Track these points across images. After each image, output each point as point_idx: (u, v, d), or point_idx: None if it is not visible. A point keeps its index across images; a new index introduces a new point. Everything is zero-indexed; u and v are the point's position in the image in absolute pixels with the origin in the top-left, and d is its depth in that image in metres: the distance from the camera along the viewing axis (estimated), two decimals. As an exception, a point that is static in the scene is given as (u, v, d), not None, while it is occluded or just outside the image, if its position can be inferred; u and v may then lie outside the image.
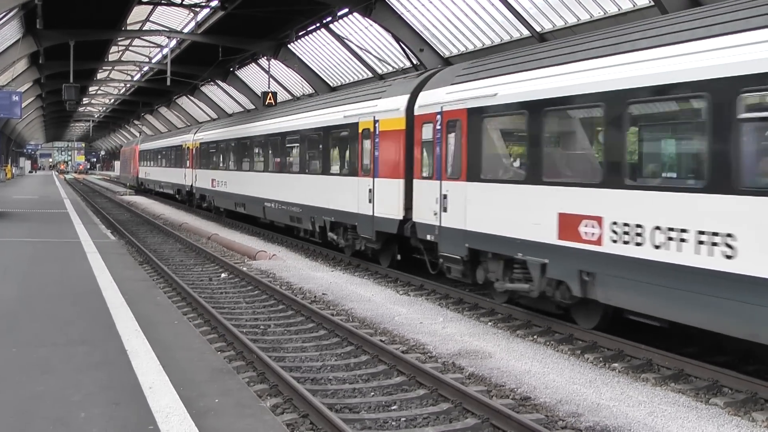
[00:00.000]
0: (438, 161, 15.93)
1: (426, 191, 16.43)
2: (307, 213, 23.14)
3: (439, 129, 15.88)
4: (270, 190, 27.17)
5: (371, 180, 18.91)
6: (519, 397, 9.89)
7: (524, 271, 13.43)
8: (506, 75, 14.07)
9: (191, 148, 41.12)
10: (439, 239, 15.86)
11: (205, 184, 37.83)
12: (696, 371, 10.70)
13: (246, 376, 10.38)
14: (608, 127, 11.64)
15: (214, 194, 35.92)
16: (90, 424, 6.80)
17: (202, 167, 38.85)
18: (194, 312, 14.84)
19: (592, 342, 12.36)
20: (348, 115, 20.53)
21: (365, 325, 13.97)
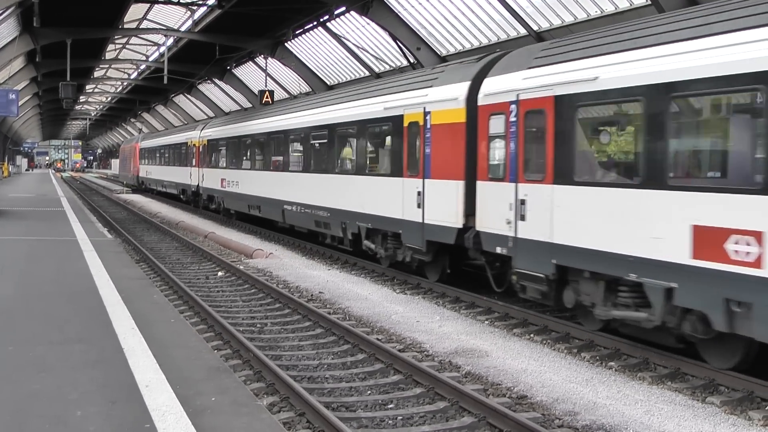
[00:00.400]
0: (512, 160, 13.55)
1: (495, 195, 14.06)
2: (337, 218, 20.69)
3: (514, 121, 13.51)
4: (291, 192, 24.62)
5: (420, 181, 16.53)
6: (516, 395, 9.90)
7: (636, 295, 11.13)
8: (612, 54, 11.58)
9: (197, 146, 38.73)
10: (513, 253, 13.52)
11: (213, 184, 35.29)
12: (692, 370, 10.71)
13: (242, 374, 10.38)
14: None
15: (224, 195, 33.42)
16: (86, 422, 6.79)
17: (209, 166, 36.34)
18: (191, 310, 14.84)
19: (588, 341, 12.36)
20: (390, 107, 18.07)
21: (362, 324, 13.97)
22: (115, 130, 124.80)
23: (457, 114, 15.45)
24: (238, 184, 30.93)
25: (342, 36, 35.11)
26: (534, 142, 13.17)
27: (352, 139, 20.73)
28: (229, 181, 32.43)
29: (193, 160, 39.37)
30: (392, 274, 18.68)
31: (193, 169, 39.56)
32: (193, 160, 39.53)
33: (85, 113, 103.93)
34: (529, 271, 13.15)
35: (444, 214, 15.72)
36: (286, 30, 37.39)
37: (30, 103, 70.44)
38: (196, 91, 61.02)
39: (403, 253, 17.57)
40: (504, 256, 13.99)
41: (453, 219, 15.39)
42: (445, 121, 15.84)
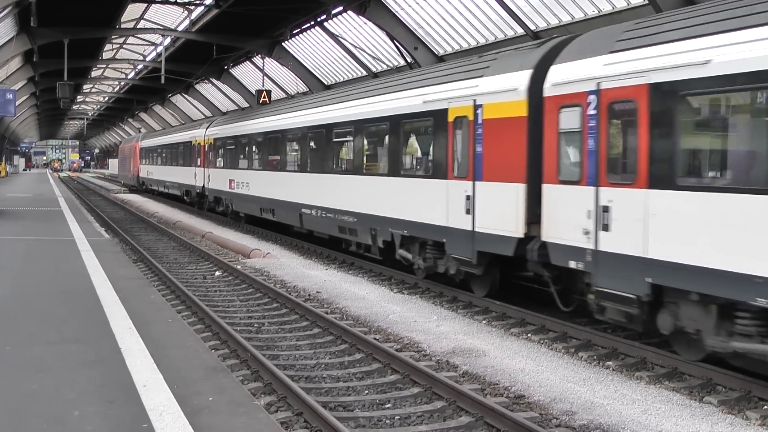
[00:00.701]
0: (591, 159, 11.69)
1: (568, 201, 12.16)
2: (366, 224, 18.85)
3: (594, 114, 11.67)
4: (310, 194, 22.58)
5: (470, 184, 14.61)
6: (513, 395, 9.90)
7: (763, 324, 9.63)
8: (730, 33, 9.74)
9: (203, 145, 36.57)
10: (592, 268, 11.64)
11: (220, 185, 33.18)
12: (690, 369, 10.71)
13: (240, 374, 10.39)
14: None
15: (233, 197, 31.33)
16: (84, 422, 6.79)
17: (216, 166, 34.30)
18: (188, 310, 14.83)
19: (586, 340, 12.37)
20: (430, 100, 16.14)
21: (359, 324, 13.97)
22: (112, 130, 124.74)
23: (517, 107, 13.59)
24: (249, 186, 28.97)
25: (339, 36, 35.12)
26: (621, 138, 11.45)
27: (384, 137, 18.70)
28: (238, 183, 30.42)
29: (198, 160, 37.40)
30: (389, 274, 18.66)
31: (197, 169, 37.60)
32: (197, 160, 37.57)
33: (83, 113, 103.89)
34: (613, 291, 11.32)
35: (500, 222, 13.82)
36: (284, 30, 37.40)
37: (27, 102, 70.43)
38: (194, 90, 61.02)
39: (445, 264, 15.88)
40: (579, 272, 12.15)
41: (512, 227, 13.52)
42: (501, 115, 13.94)
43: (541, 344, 12.54)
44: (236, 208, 31.30)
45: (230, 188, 31.50)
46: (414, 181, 16.97)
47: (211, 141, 35.33)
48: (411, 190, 16.94)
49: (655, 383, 10.48)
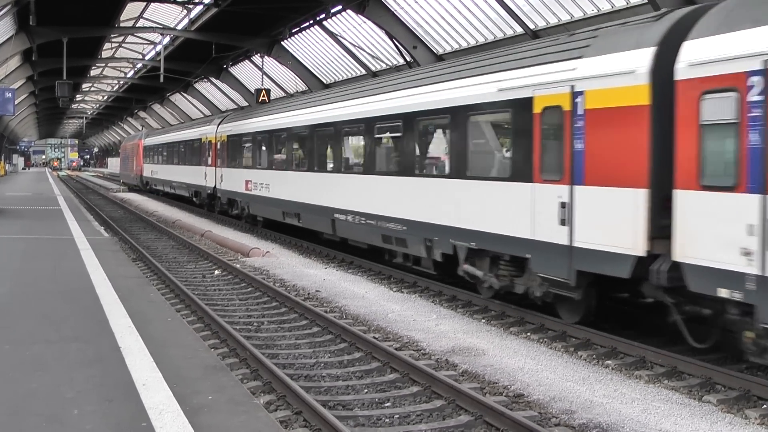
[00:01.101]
0: (755, 159, 9.31)
1: (716, 211, 9.78)
2: (419, 233, 16.21)
3: (760, 101, 9.28)
4: (346, 198, 19.79)
5: (566, 188, 12.04)
6: (512, 394, 9.90)
7: None
8: None
9: (214, 143, 33.99)
10: (756, 299, 9.28)
11: (235, 186, 30.33)
12: (689, 368, 10.70)
13: (239, 373, 10.38)
14: None
15: (250, 199, 28.41)
16: (83, 420, 6.79)
17: (230, 165, 31.32)
18: (187, 309, 14.83)
19: (585, 339, 12.36)
20: (507, 87, 13.47)
21: (359, 322, 13.97)
22: (111, 129, 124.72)
23: (634, 93, 11.07)
24: (269, 187, 26.15)
25: (338, 35, 35.11)
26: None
27: (443, 132, 16.18)
28: (256, 184, 27.46)
29: (209, 159, 34.66)
30: (389, 273, 18.64)
31: (208, 168, 34.86)
32: (208, 158, 34.88)
33: (82, 112, 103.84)
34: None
35: (610, 236, 11.28)
36: (283, 28, 37.38)
37: (26, 101, 70.38)
38: (193, 89, 61.00)
39: (526, 284, 13.39)
40: (734, 303, 9.74)
41: (628, 243, 10.99)
42: (611, 104, 11.41)
43: (541, 343, 12.54)
44: (253, 211, 28.46)
45: (246, 189, 28.54)
46: (485, 184, 14.26)
47: (224, 138, 32.58)
48: (481, 196, 14.26)
49: (654, 382, 10.48)
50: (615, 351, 11.76)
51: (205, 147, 35.55)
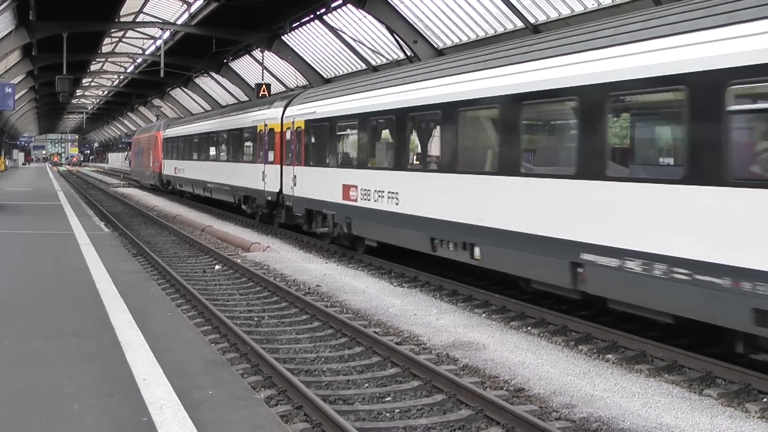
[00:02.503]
0: None
1: None
2: None
3: None
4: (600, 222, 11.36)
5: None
6: (513, 388, 9.90)
7: None
8: None
9: (280, 132, 25.40)
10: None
11: (322, 192, 21.27)
12: (689, 362, 10.71)
13: (240, 367, 10.38)
14: None
15: (352, 214, 19.30)
16: (84, 416, 6.79)
17: (313, 163, 22.43)
18: (188, 304, 14.82)
19: (586, 333, 12.36)
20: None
21: (359, 317, 13.97)
22: (111, 123, 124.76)
23: None
24: (399, 199, 16.94)
25: (339, 29, 35.09)
26: None
27: None
28: (370, 192, 18.38)
29: (271, 154, 26.17)
30: (389, 267, 18.62)
31: (270, 167, 26.17)
32: (269, 153, 26.33)
33: (82, 107, 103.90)
34: None
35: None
36: (283, 23, 37.38)
37: (26, 96, 70.39)
38: (193, 84, 60.96)
39: None
40: None
41: None
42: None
43: (541, 337, 12.54)
44: (360, 231, 19.45)
45: (348, 199, 19.53)
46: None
47: (299, 125, 23.57)
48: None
49: (654, 376, 10.48)
50: (615, 345, 11.76)
51: (264, 138, 26.94)
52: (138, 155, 58.72)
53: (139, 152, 57.32)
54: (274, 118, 26.18)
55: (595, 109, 11.35)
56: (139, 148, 57.55)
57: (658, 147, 11.98)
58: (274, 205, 26.23)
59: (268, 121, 26.76)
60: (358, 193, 19.00)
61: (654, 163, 11.73)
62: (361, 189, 18.90)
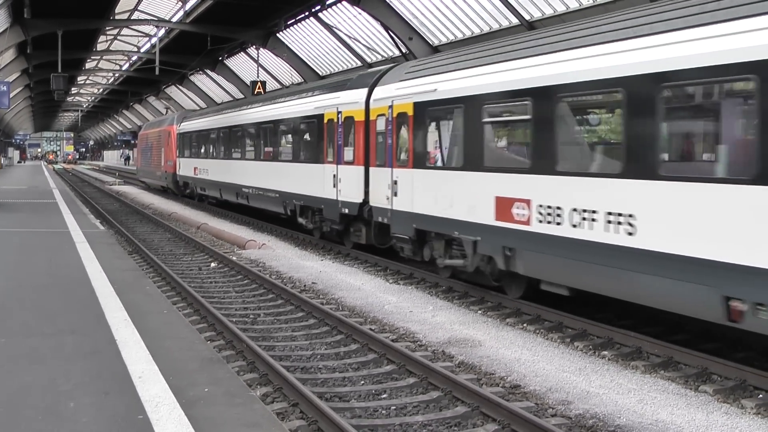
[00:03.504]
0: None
1: None
2: None
3: None
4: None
5: None
6: (509, 385, 9.91)
7: None
8: None
9: (360, 122, 19.11)
10: None
11: (452, 207, 14.97)
12: (685, 359, 10.72)
13: (236, 365, 10.37)
14: None
15: (537, 246, 12.71)
16: (79, 413, 6.78)
17: (430, 163, 16.26)
18: (184, 301, 14.81)
19: (581, 330, 12.37)
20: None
21: (355, 314, 13.96)
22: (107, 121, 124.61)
23: None
24: (634, 225, 10.69)
25: (334, 26, 35.08)
26: None
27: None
28: (564, 212, 12.05)
29: (347, 152, 19.82)
30: (385, 265, 18.62)
31: (345, 169, 19.84)
32: (344, 151, 19.96)
33: (77, 105, 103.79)
34: None
35: None
36: (278, 20, 37.36)
37: (21, 94, 70.26)
38: (188, 82, 60.89)
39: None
40: None
41: None
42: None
43: (537, 334, 12.55)
44: (536, 269, 13.11)
45: (509, 220, 13.26)
46: None
47: (403, 110, 16.87)
48: None
49: (650, 372, 10.49)
50: (611, 341, 11.77)
51: (336, 129, 20.41)
52: (145, 153, 50.90)
53: (147, 150, 49.65)
54: (352, 103, 19.51)
55: None
56: (146, 144, 50.13)
57: None
58: (349, 220, 20.13)
59: (342, 107, 20.05)
60: (532, 212, 12.66)
61: None
62: (538, 206, 12.57)
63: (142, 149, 53.38)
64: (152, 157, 47.42)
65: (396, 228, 17.22)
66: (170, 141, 41.58)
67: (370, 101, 18.69)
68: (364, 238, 19.62)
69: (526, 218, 12.78)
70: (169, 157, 41.76)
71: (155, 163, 46.21)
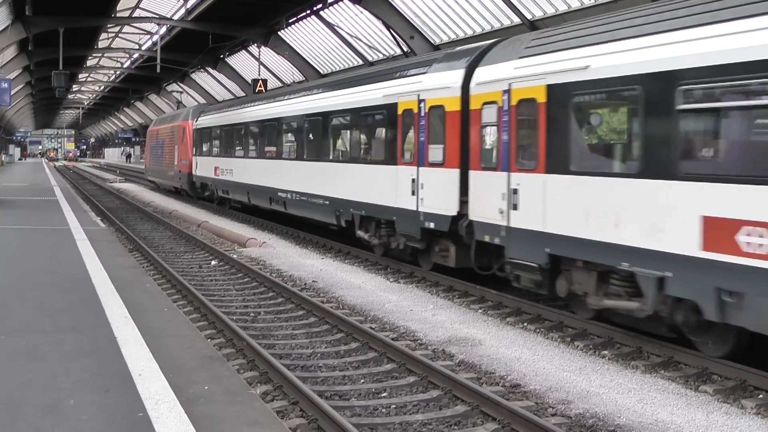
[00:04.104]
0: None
1: None
2: None
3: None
4: None
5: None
6: (509, 384, 9.90)
7: None
8: None
9: (458, 111, 15.13)
10: None
11: (596, 227, 11.40)
12: (685, 358, 10.72)
13: (236, 363, 10.37)
14: None
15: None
16: (79, 411, 6.78)
17: (582, 166, 11.98)
18: (184, 299, 14.81)
19: (582, 329, 12.36)
20: None
21: (355, 313, 13.96)
22: (108, 119, 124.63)
23: None
24: None
25: (335, 25, 35.08)
26: None
27: None
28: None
29: (434, 150, 15.84)
30: (385, 263, 18.60)
31: (430, 172, 15.99)
32: (430, 149, 15.94)
33: (78, 102, 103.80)
34: None
35: None
36: (279, 19, 37.38)
37: (22, 92, 70.31)
38: (189, 80, 60.89)
39: None
40: None
41: None
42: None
43: (537, 333, 12.54)
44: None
45: (722, 249, 9.42)
46: None
47: (528, 95, 13.01)
48: None
49: (650, 372, 10.48)
50: (611, 341, 11.77)
51: (418, 122, 16.34)
52: (155, 151, 46.61)
53: (158, 147, 45.50)
54: (442, 88, 15.60)
55: None
56: (157, 141, 45.89)
57: None
58: (432, 236, 16.31)
59: (426, 94, 16.11)
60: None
61: None
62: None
63: (151, 146, 48.77)
64: (164, 156, 43.43)
65: (515, 251, 13.22)
66: (185, 137, 37.84)
67: (470, 85, 14.69)
68: (453, 260, 15.78)
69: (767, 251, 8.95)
70: (184, 156, 37.93)
71: (167, 161, 42.24)
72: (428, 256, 16.77)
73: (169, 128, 41.87)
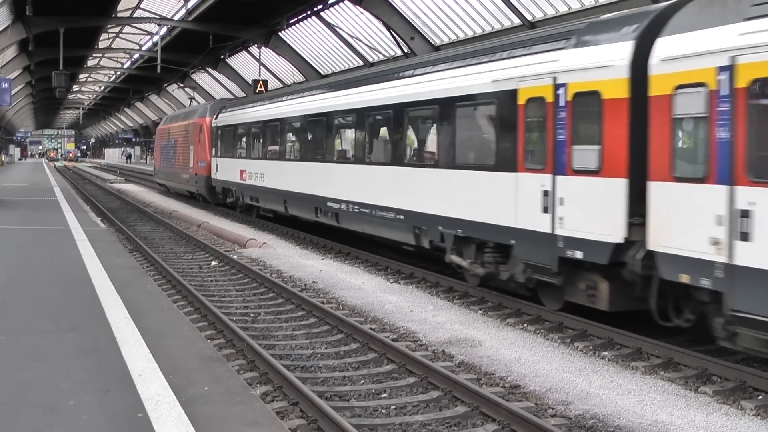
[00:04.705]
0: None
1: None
2: None
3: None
4: None
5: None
6: (509, 385, 9.90)
7: None
8: None
9: (626, 99, 10.95)
10: None
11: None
12: (685, 359, 10.72)
13: (236, 364, 10.37)
14: None
15: None
16: (79, 411, 6.78)
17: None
18: (184, 300, 14.81)
19: (582, 330, 12.35)
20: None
21: (355, 313, 13.96)
22: (108, 119, 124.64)
23: None
24: None
25: (336, 25, 35.09)
26: None
27: None
28: None
29: (588, 155, 11.59)
30: (385, 264, 18.61)
31: (574, 182, 11.84)
32: (574, 150, 11.82)
33: (78, 102, 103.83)
34: None
35: None
36: (280, 19, 37.40)
37: (23, 92, 70.34)
38: (190, 80, 60.91)
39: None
40: None
41: None
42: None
43: (537, 334, 12.54)
44: None
45: None
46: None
47: None
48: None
49: (650, 373, 10.49)
50: (611, 342, 11.76)
51: (544, 116, 12.43)
52: (167, 151, 42.28)
53: (169, 147, 41.13)
54: (597, 67, 11.52)
55: None
56: (168, 141, 41.65)
57: None
58: (572, 268, 12.34)
59: (568, 76, 12.01)
60: None
61: None
62: None
63: (161, 146, 44.26)
64: (176, 157, 39.18)
65: (743, 301, 9.23)
66: (202, 137, 33.82)
67: (648, 63, 10.62)
68: (606, 302, 11.85)
69: None
70: (202, 157, 33.89)
71: (180, 163, 37.98)
72: (561, 293, 12.86)
73: (183, 126, 37.83)
